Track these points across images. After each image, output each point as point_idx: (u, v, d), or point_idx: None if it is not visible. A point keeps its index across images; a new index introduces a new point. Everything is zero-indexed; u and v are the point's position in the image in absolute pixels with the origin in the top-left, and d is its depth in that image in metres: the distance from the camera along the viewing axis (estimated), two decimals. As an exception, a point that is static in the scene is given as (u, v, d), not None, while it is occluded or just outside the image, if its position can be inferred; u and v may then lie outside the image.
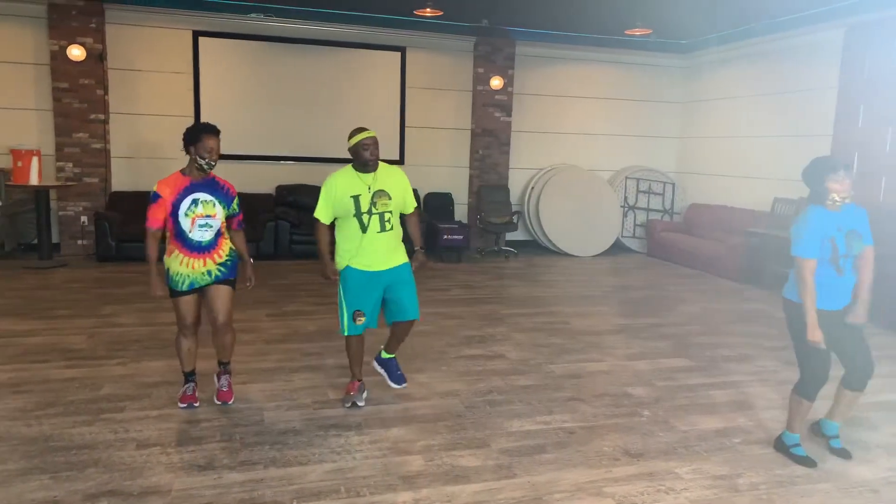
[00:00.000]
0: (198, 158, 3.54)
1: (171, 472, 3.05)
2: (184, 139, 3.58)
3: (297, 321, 5.67)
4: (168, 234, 3.63)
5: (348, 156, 3.82)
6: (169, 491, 2.89)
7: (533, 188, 9.98)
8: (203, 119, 8.89)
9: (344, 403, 3.89)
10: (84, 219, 8.44)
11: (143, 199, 8.58)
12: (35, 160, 7.47)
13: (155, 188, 3.56)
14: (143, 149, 8.82)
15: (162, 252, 3.64)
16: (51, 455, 3.16)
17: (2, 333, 5.05)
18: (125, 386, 4.08)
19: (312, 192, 9.11)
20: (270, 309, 6.05)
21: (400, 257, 3.77)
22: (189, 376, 3.88)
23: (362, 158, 3.67)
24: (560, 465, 3.26)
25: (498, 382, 4.39)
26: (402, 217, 3.89)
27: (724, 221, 9.11)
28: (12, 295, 6.28)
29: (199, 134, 3.53)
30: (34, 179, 7.49)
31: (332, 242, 3.83)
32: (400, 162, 9.57)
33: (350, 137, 3.72)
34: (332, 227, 3.79)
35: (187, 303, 3.69)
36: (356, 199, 3.64)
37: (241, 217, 3.80)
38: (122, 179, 8.75)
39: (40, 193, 7.69)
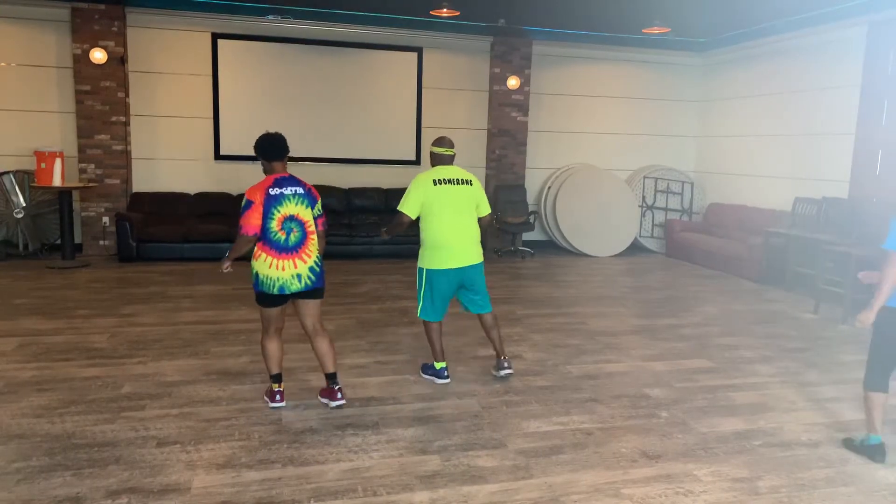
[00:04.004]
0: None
1: (190, 469, 3.09)
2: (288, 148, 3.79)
3: (314, 321, 5.71)
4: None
5: (366, 156, 3.97)
6: (188, 489, 2.92)
7: (549, 188, 9.94)
8: (222, 120, 8.99)
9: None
10: (105, 219, 8.56)
11: (163, 201, 8.78)
12: (58, 162, 7.59)
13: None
14: (163, 150, 8.92)
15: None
16: (73, 452, 3.21)
17: (25, 332, 5.14)
18: (146, 385, 4.13)
19: (330, 193, 9.18)
20: (287, 309, 6.08)
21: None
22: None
23: None
24: (577, 467, 3.25)
25: (515, 383, 4.38)
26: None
27: (744, 221, 9.01)
28: (36, 294, 6.38)
29: None
30: (57, 181, 7.61)
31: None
32: (416, 162, 9.58)
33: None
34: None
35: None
36: None
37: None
38: (143, 180, 8.86)
39: (63, 194, 7.82)
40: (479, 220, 4.36)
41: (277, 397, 3.85)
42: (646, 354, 5.10)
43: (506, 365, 4.42)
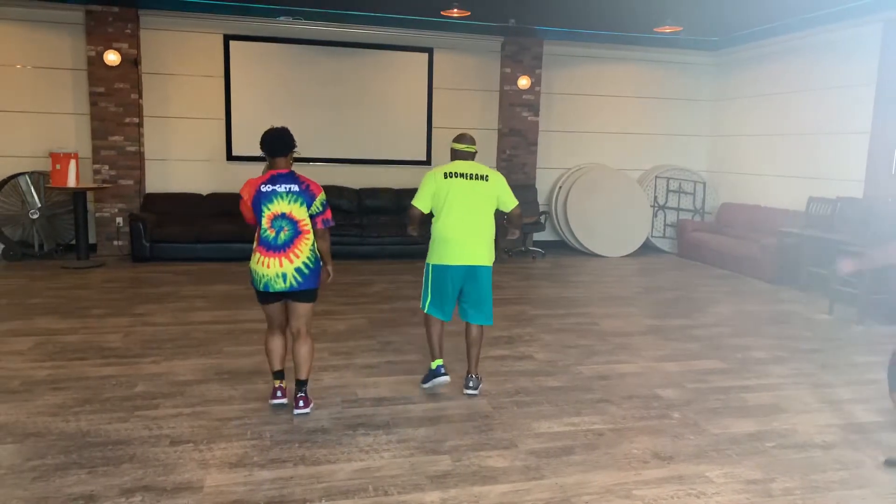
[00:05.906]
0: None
1: (203, 468, 3.11)
2: (294, 143, 3.72)
3: (325, 321, 5.73)
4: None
5: (377, 157, 3.92)
6: (201, 487, 2.94)
7: (561, 188, 9.92)
8: (234, 121, 9.04)
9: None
10: (119, 220, 8.64)
11: (176, 201, 8.85)
12: (73, 163, 7.67)
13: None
14: (176, 151, 8.99)
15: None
16: (87, 450, 3.24)
17: (41, 331, 5.20)
18: (159, 384, 4.16)
19: (341, 194, 9.21)
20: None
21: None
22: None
23: None
24: (588, 467, 3.24)
25: (526, 383, 4.38)
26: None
27: (757, 221, 8.94)
28: (51, 294, 6.45)
29: None
30: (72, 182, 7.69)
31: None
32: (427, 163, 9.58)
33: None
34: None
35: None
36: None
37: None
38: (156, 181, 8.93)
39: (78, 195, 7.89)
40: (508, 214, 4.21)
41: (278, 393, 3.85)
42: (657, 355, 5.08)
43: (471, 385, 4.14)
